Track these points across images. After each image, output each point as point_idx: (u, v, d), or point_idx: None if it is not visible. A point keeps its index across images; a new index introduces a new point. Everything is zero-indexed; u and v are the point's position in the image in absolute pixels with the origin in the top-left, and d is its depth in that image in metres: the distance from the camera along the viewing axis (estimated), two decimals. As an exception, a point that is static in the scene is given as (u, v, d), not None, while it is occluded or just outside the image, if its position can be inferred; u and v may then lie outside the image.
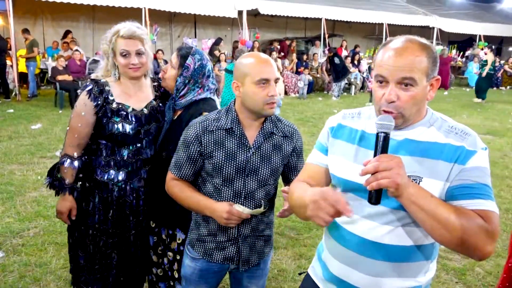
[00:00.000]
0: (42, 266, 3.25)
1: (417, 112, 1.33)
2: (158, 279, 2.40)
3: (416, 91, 1.28)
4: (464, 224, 1.19)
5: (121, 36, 2.16)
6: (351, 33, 19.35)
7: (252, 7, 13.86)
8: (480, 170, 1.27)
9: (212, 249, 1.89)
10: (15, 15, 10.89)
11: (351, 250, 1.42)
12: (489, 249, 1.20)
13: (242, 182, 1.81)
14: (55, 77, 10.17)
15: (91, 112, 2.19)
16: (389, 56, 1.30)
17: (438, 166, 1.28)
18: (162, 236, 2.30)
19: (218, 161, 1.79)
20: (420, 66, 1.27)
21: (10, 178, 5.14)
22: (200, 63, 2.19)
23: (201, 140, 1.80)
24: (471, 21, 19.31)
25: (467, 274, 3.40)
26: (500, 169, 6.33)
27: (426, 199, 1.21)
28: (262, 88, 1.74)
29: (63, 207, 2.25)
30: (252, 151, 1.80)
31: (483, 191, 1.24)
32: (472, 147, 1.29)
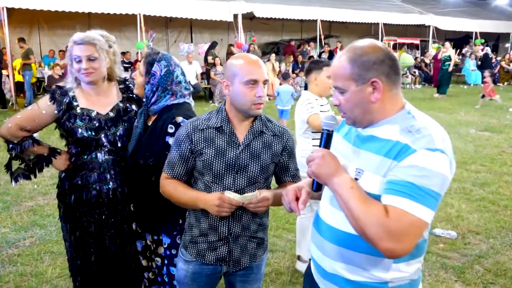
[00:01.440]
0: (38, 276, 3.23)
1: (364, 113, 1.38)
2: (151, 283, 2.40)
3: (349, 96, 1.38)
4: (364, 215, 1.24)
5: (74, 42, 2.20)
6: (347, 33, 19.36)
7: (247, 10, 13.88)
8: (414, 168, 1.24)
9: (205, 250, 1.90)
10: (10, 25, 10.90)
11: (316, 230, 1.56)
12: (386, 245, 1.21)
13: (232, 178, 1.84)
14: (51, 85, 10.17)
15: (51, 114, 2.23)
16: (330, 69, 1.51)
17: (380, 162, 1.32)
18: (147, 241, 2.30)
19: (208, 157, 1.82)
20: (343, 73, 1.37)
21: (6, 187, 5.12)
22: (166, 69, 2.15)
23: (192, 138, 1.84)
24: (467, 18, 19.32)
25: (466, 272, 3.37)
26: (498, 166, 6.31)
27: (344, 189, 1.31)
28: (250, 89, 1.78)
29: (60, 165, 2.30)
30: (241, 148, 1.83)
31: (404, 188, 1.22)
32: (415, 146, 1.26)
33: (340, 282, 1.47)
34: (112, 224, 2.31)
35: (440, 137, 1.31)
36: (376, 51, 1.36)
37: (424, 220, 1.22)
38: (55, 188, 4.93)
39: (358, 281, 1.42)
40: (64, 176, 2.33)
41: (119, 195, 2.30)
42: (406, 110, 1.40)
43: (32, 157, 2.30)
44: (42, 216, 4.32)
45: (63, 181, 2.33)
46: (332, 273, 1.48)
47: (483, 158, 6.70)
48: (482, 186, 5.44)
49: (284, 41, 18.26)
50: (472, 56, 17.93)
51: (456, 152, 7.00)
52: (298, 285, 3.21)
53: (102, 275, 2.36)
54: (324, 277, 1.53)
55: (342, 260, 1.44)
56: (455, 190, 5.26)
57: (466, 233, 4.09)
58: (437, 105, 12.15)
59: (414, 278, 1.45)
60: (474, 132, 8.66)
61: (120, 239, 2.35)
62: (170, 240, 2.19)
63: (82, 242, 2.32)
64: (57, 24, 14.06)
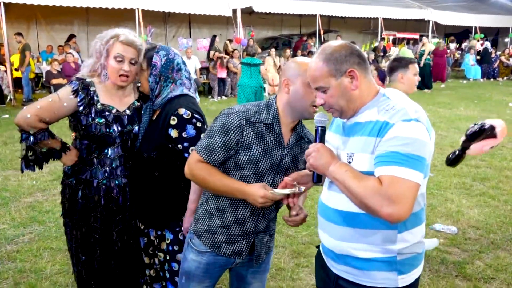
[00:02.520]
0: (37, 272, 3.22)
1: (349, 102, 1.52)
2: (152, 280, 2.39)
3: (332, 91, 1.52)
4: (361, 190, 1.38)
5: (121, 41, 2.16)
6: (346, 28, 19.30)
7: (246, 5, 13.82)
8: (396, 139, 1.38)
9: (221, 242, 1.87)
10: (8, 20, 10.85)
11: (321, 216, 1.67)
12: (387, 210, 1.33)
13: (271, 178, 1.83)
14: (50, 81, 10.14)
15: (72, 108, 2.20)
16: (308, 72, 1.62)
17: (365, 141, 1.46)
18: (151, 237, 2.29)
19: (256, 154, 1.77)
20: (320, 74, 1.52)
21: (5, 184, 5.10)
22: (166, 58, 2.17)
23: (243, 130, 1.76)
24: (466, 13, 19.27)
25: (466, 267, 3.37)
26: (498, 160, 6.30)
27: (341, 174, 1.44)
28: (312, 91, 1.70)
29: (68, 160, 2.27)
30: (286, 150, 1.84)
31: (389, 158, 1.37)
32: (393, 121, 1.41)
33: (352, 262, 1.55)
34: (120, 220, 2.31)
35: (413, 109, 1.45)
36: (344, 47, 1.53)
37: (414, 181, 1.35)
38: (54, 184, 4.98)
39: (369, 257, 1.52)
40: (70, 171, 2.31)
41: (128, 191, 2.30)
42: (381, 93, 1.55)
43: (45, 150, 2.26)
44: (41, 212, 4.30)
45: (70, 176, 2.31)
46: (343, 255, 1.57)
47: (483, 153, 6.68)
48: (482, 181, 5.43)
49: (283, 36, 18.20)
50: (472, 51, 17.88)
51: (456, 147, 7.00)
52: (299, 280, 3.20)
53: (106, 270, 2.35)
54: (336, 260, 1.62)
55: (351, 240, 1.53)
56: (455, 185, 5.26)
57: (467, 228, 4.08)
58: (436, 100, 12.13)
59: (418, 252, 1.57)
60: (473, 127, 8.63)
61: (127, 235, 2.34)
62: (173, 236, 2.19)
63: (88, 238, 2.31)
64: (55, 19, 13.99)
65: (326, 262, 1.69)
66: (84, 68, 2.30)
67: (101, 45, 2.19)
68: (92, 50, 2.27)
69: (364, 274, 1.54)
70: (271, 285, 3.13)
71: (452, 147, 6.98)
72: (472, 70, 17.77)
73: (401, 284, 1.53)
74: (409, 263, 1.54)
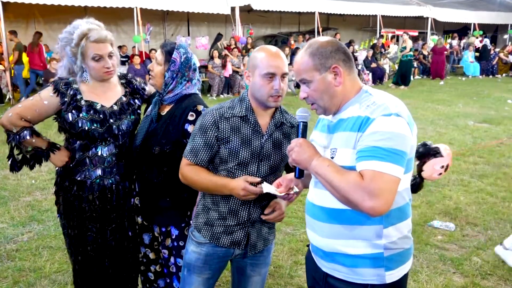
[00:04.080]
0: (36, 271, 3.23)
1: (332, 98, 1.55)
2: (157, 276, 2.40)
3: (315, 85, 1.54)
4: (343, 184, 1.40)
5: (92, 40, 2.15)
6: (345, 26, 19.30)
7: (244, 3, 13.82)
8: (377, 134, 1.40)
9: (220, 233, 1.94)
10: (6, 19, 10.84)
11: (308, 215, 1.68)
12: (368, 204, 1.35)
13: (256, 166, 1.91)
14: (48, 80, 10.11)
15: (53, 106, 2.18)
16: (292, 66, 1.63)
17: (347, 137, 1.48)
18: (155, 233, 2.30)
19: (234, 145, 1.87)
20: (305, 67, 1.54)
21: (4, 183, 5.11)
22: (185, 56, 2.20)
23: (218, 126, 1.88)
24: (465, 10, 19.26)
25: (464, 264, 3.38)
26: (496, 157, 6.31)
27: (323, 168, 1.46)
28: (268, 81, 1.83)
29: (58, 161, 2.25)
30: (265, 137, 1.91)
31: (370, 152, 1.38)
32: (374, 115, 1.43)
33: (340, 259, 1.57)
34: (114, 218, 2.31)
35: (394, 104, 1.47)
36: (330, 43, 1.55)
37: (394, 176, 1.37)
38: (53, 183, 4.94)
39: (356, 254, 1.53)
40: (62, 173, 2.28)
41: (121, 189, 2.29)
42: (364, 90, 1.57)
43: (30, 149, 2.24)
44: (40, 211, 4.31)
45: (63, 177, 2.29)
46: (331, 252, 1.58)
47: (481, 150, 6.70)
48: (480, 178, 5.45)
49: (282, 33, 18.18)
50: (471, 48, 17.87)
51: (454, 143, 7.05)
52: (297, 277, 3.22)
53: (101, 270, 2.35)
54: (324, 258, 1.63)
55: (338, 236, 1.55)
56: (453, 182, 5.27)
57: (464, 225, 4.10)
58: (435, 97, 12.13)
59: (406, 247, 1.58)
60: (472, 123, 8.65)
61: (120, 233, 2.34)
62: (178, 231, 2.21)
63: (83, 238, 2.30)
64: (53, 18, 13.94)
65: (316, 261, 1.70)
66: (60, 70, 2.26)
67: (72, 48, 2.17)
68: (61, 52, 2.23)
69: (352, 271, 1.55)
70: (269, 283, 3.14)
71: (450, 144, 7.00)
72: (471, 67, 17.76)
73: (389, 280, 1.54)
74: (396, 259, 1.55)
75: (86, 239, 2.30)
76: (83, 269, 2.36)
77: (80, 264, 2.35)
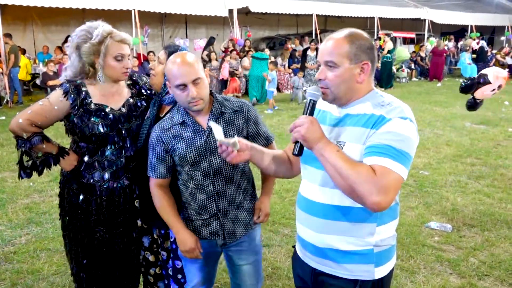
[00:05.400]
0: (34, 273, 3.23)
1: (348, 90, 1.54)
2: (156, 278, 2.41)
3: (340, 72, 1.51)
4: (354, 174, 1.39)
5: (117, 40, 2.14)
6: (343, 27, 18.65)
7: (242, 5, 13.84)
8: (391, 134, 1.42)
9: (199, 226, 2.06)
10: (4, 21, 10.82)
11: (301, 209, 1.69)
12: (375, 199, 1.36)
13: (208, 162, 1.97)
14: (46, 82, 10.12)
15: (63, 110, 2.15)
16: (321, 45, 1.61)
17: (359, 132, 1.49)
18: (154, 236, 2.31)
19: (181, 151, 1.96)
20: (340, 51, 1.51)
21: (2, 185, 5.11)
22: None
23: (162, 139, 1.99)
24: (462, 12, 19.34)
25: (461, 264, 3.39)
26: (493, 159, 6.34)
27: (332, 153, 1.44)
28: (182, 91, 1.88)
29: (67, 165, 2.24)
30: (207, 132, 1.95)
31: (384, 150, 1.40)
32: (390, 116, 1.46)
33: (331, 255, 1.59)
34: (122, 221, 2.29)
35: (407, 108, 1.51)
36: (369, 40, 1.57)
37: (402, 176, 1.41)
38: (51, 186, 4.99)
39: (348, 250, 1.56)
40: (70, 175, 2.26)
41: (129, 192, 2.29)
42: (375, 91, 1.60)
43: (40, 155, 2.21)
44: (38, 214, 4.31)
45: (69, 180, 2.26)
46: (322, 248, 1.61)
47: (478, 151, 6.72)
48: (478, 179, 5.46)
49: (279, 35, 18.21)
50: (469, 50, 17.93)
51: (451, 145, 7.07)
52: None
53: (107, 272, 2.34)
54: (314, 253, 1.65)
55: (332, 232, 1.57)
56: (450, 183, 5.29)
57: (461, 226, 4.11)
58: (433, 98, 12.17)
59: (392, 243, 1.63)
60: (469, 125, 8.68)
61: (127, 237, 2.33)
62: None
63: (90, 241, 2.28)
64: (51, 20, 13.96)
65: (303, 257, 1.72)
66: (67, 71, 2.23)
67: (94, 45, 2.12)
68: (73, 50, 2.17)
69: (341, 267, 1.58)
70: (267, 284, 3.15)
71: (448, 145, 7.03)
72: (468, 69, 17.80)
73: (378, 275, 1.58)
74: (384, 255, 1.59)
75: (92, 243, 2.28)
76: (88, 273, 2.34)
77: (85, 268, 2.33)
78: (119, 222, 2.29)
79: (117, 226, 2.29)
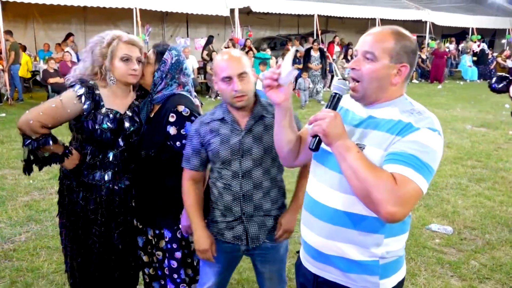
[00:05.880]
0: (34, 271, 3.22)
1: (378, 89, 1.46)
2: (151, 278, 2.39)
3: (377, 67, 1.43)
4: (373, 179, 1.30)
5: (124, 41, 2.14)
6: (344, 28, 19.33)
7: (244, 5, 13.82)
8: (417, 143, 1.34)
9: (223, 229, 2.06)
10: (4, 18, 10.81)
11: (309, 212, 1.60)
12: (391, 209, 1.27)
13: (238, 162, 1.97)
14: (47, 80, 10.11)
15: (76, 113, 2.14)
16: (364, 35, 1.51)
17: (382, 137, 1.42)
18: (149, 236, 2.29)
19: (215, 146, 1.97)
20: (383, 45, 1.43)
21: (2, 182, 5.10)
22: (177, 58, 2.19)
23: (200, 132, 2.01)
24: (463, 14, 19.34)
25: (462, 267, 3.39)
26: (494, 161, 6.33)
27: (352, 153, 1.35)
28: (227, 84, 1.90)
29: (70, 164, 2.22)
30: (243, 133, 1.96)
31: (407, 159, 1.32)
32: (418, 125, 1.38)
33: (335, 262, 1.53)
34: (121, 221, 2.28)
35: (437, 120, 1.44)
36: (415, 43, 1.49)
37: (422, 190, 1.33)
38: (51, 183, 4.97)
39: (353, 259, 1.50)
40: (70, 173, 2.25)
41: (129, 193, 2.27)
42: (404, 96, 1.53)
43: (47, 155, 2.20)
44: (38, 211, 4.30)
45: (69, 178, 2.26)
46: (326, 254, 1.54)
47: (479, 154, 6.72)
48: (478, 181, 5.46)
49: (281, 36, 18.20)
50: (470, 52, 17.94)
51: (452, 147, 7.06)
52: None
53: (103, 272, 2.33)
54: (317, 259, 1.58)
55: (339, 239, 1.50)
56: (451, 185, 5.28)
57: (462, 228, 4.11)
58: (433, 100, 12.17)
59: (400, 254, 1.56)
60: (470, 128, 8.68)
61: (128, 236, 2.33)
62: (171, 234, 2.21)
63: (85, 240, 2.27)
64: (52, 18, 13.95)
65: (305, 263, 1.66)
66: (76, 71, 2.22)
67: (102, 48, 2.13)
68: (87, 54, 2.19)
69: (345, 275, 1.52)
70: (267, 285, 3.14)
71: (448, 148, 7.02)
72: (469, 71, 17.83)
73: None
74: (391, 266, 1.52)
75: (88, 242, 2.28)
76: (82, 271, 2.33)
77: (79, 266, 2.33)
78: (118, 222, 2.28)
79: (117, 226, 2.28)
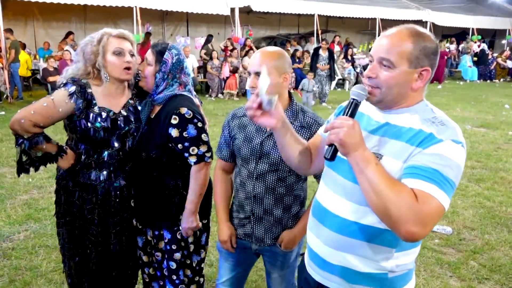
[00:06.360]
0: (33, 270, 3.21)
1: (398, 96, 1.36)
2: (151, 278, 2.39)
3: (395, 73, 1.32)
4: (393, 194, 1.20)
5: (114, 35, 2.12)
6: (344, 28, 19.33)
7: (244, 4, 13.82)
8: (440, 157, 1.25)
9: (237, 225, 2.11)
10: (4, 17, 10.80)
11: (318, 220, 1.53)
12: (412, 229, 1.19)
13: (255, 163, 1.98)
14: (46, 78, 10.09)
15: (68, 111, 2.11)
16: (379, 38, 1.39)
17: (402, 148, 1.32)
18: (148, 237, 2.28)
19: (238, 142, 2.02)
20: (400, 49, 1.31)
21: (1, 181, 5.09)
22: (177, 57, 2.16)
23: (230, 124, 2.08)
24: (463, 15, 19.32)
25: (461, 268, 3.38)
26: (493, 162, 6.33)
27: (371, 165, 1.25)
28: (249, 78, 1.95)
29: (65, 164, 2.20)
30: (267, 135, 1.96)
31: (430, 175, 1.22)
32: (441, 136, 1.28)
33: (341, 272, 1.46)
34: (118, 221, 2.27)
35: (460, 131, 1.34)
36: (434, 42, 1.36)
37: (445, 208, 1.23)
38: (50, 182, 4.97)
39: (361, 271, 1.44)
40: (66, 174, 2.24)
41: (126, 192, 2.26)
42: (425, 102, 1.42)
43: (40, 154, 2.18)
44: (36, 210, 4.29)
45: (65, 178, 2.25)
46: (333, 263, 1.48)
47: (478, 154, 6.72)
48: (478, 182, 5.46)
49: (281, 35, 18.20)
50: (470, 52, 17.94)
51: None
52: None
53: (100, 272, 2.32)
54: (322, 267, 1.52)
55: (348, 250, 1.43)
56: (450, 186, 5.27)
57: (462, 229, 4.10)
58: (433, 101, 12.09)
59: (410, 268, 1.50)
60: (470, 128, 8.68)
61: (125, 236, 2.31)
62: (170, 235, 2.20)
63: (82, 239, 2.27)
64: (52, 16, 13.95)
65: (308, 269, 1.61)
66: (68, 71, 2.20)
67: (94, 46, 2.12)
68: (79, 54, 2.18)
69: (351, 287, 1.46)
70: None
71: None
72: (469, 72, 17.83)
73: None
74: (400, 279, 1.47)
75: (85, 241, 2.27)
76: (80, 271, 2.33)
77: (77, 265, 2.32)
78: (115, 222, 2.27)
79: (113, 226, 2.27)
